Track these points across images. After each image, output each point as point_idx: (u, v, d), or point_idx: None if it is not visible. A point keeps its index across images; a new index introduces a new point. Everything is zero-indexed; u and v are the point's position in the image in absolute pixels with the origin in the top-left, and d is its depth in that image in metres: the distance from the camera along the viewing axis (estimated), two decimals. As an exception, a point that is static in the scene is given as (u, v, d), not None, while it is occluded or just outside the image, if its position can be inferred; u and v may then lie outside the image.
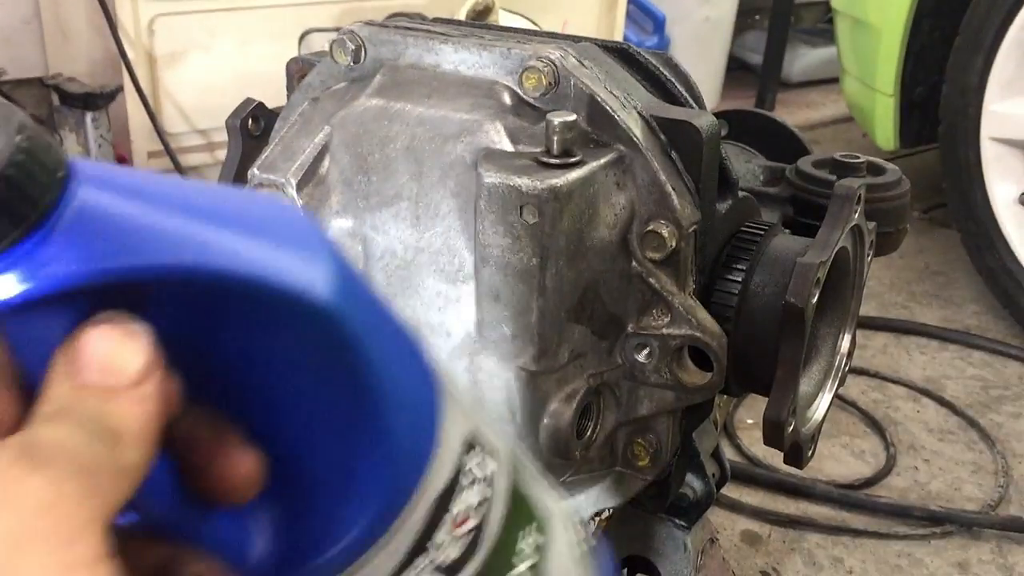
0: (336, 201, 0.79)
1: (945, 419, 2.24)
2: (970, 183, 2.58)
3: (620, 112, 0.74)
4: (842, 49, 3.14)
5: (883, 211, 0.95)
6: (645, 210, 0.74)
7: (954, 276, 2.94)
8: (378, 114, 0.78)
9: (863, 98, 2.98)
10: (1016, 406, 2.30)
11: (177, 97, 3.08)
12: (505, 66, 0.77)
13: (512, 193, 0.68)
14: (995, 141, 2.52)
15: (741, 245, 0.83)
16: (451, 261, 0.75)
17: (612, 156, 0.73)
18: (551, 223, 0.68)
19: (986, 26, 2.47)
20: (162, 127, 2.98)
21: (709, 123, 0.76)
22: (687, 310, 0.75)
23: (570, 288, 0.71)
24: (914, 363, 2.49)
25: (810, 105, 4.74)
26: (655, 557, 1.06)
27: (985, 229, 2.57)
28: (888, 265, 2.93)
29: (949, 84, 2.63)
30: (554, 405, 0.76)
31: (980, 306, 2.77)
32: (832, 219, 0.80)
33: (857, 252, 0.87)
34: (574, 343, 0.74)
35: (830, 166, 0.99)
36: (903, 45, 2.72)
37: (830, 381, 0.91)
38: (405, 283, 0.77)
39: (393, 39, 0.81)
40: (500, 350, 0.73)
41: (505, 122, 0.74)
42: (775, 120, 1.11)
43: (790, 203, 0.96)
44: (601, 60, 0.78)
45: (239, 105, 0.89)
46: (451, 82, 0.78)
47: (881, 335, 2.60)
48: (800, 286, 0.74)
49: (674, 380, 0.76)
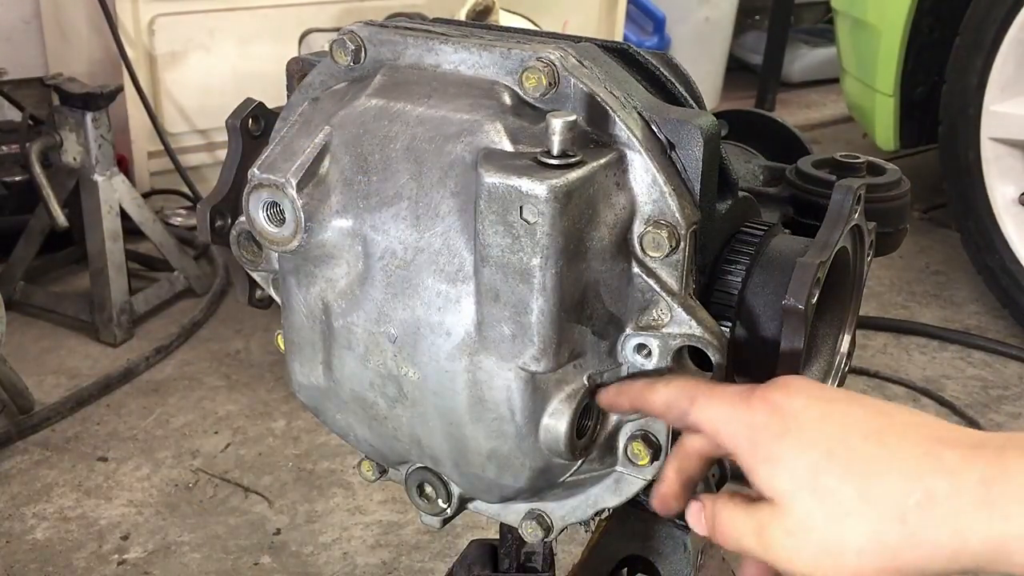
0: (336, 201, 0.79)
1: (945, 419, 2.23)
2: (970, 183, 2.59)
3: (620, 112, 0.74)
4: (842, 49, 3.14)
5: (883, 211, 0.95)
6: (645, 210, 0.74)
7: (954, 276, 2.95)
8: (378, 114, 0.78)
9: (863, 98, 2.98)
10: (1016, 406, 2.31)
11: (177, 97, 3.08)
12: (505, 66, 0.77)
13: (512, 193, 0.68)
14: (995, 141, 2.52)
15: (741, 245, 0.83)
16: (451, 261, 0.75)
17: (612, 156, 0.73)
18: (551, 223, 0.68)
19: (986, 26, 2.47)
20: (162, 127, 2.99)
21: (709, 123, 0.76)
22: (687, 310, 0.75)
23: (570, 288, 0.71)
24: (914, 363, 2.49)
25: (810, 105, 4.75)
26: (655, 557, 1.06)
27: (985, 229, 2.57)
28: (888, 265, 2.93)
29: (949, 84, 2.63)
30: (554, 405, 0.76)
31: (980, 306, 2.77)
32: (832, 219, 0.80)
33: (857, 252, 0.87)
34: (574, 343, 0.74)
35: (830, 166, 0.99)
36: (903, 45, 2.73)
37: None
38: (405, 283, 0.77)
39: (393, 39, 0.81)
40: (500, 350, 0.74)
41: (505, 122, 0.74)
42: (775, 120, 1.11)
43: (790, 203, 0.96)
44: (601, 60, 0.78)
45: (239, 105, 0.89)
46: (451, 82, 0.78)
47: (881, 335, 2.61)
48: (800, 286, 0.74)
49: (674, 380, 0.76)
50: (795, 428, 0.64)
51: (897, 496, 0.60)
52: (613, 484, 0.84)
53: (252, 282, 0.92)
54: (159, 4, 2.96)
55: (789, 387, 0.67)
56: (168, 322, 2.55)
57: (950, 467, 0.59)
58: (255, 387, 2.29)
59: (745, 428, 0.67)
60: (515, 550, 1.06)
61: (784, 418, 0.65)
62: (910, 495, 0.59)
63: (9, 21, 3.12)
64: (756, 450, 0.65)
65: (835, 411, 0.65)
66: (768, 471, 0.64)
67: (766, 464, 0.65)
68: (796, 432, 0.64)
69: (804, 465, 0.63)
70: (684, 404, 0.71)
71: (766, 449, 0.65)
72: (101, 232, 2.43)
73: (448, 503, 0.88)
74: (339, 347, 0.81)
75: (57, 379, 2.30)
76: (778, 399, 0.66)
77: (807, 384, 0.68)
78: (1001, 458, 0.58)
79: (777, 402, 0.66)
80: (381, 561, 1.76)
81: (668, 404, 0.72)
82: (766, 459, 0.65)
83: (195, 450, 2.06)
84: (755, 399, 0.67)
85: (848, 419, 0.64)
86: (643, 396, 0.74)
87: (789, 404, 0.65)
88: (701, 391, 0.70)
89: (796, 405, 0.65)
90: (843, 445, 0.62)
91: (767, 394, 0.67)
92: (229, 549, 1.79)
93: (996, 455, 0.58)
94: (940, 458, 0.59)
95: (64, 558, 1.75)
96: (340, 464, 2.01)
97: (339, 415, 0.86)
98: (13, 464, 2.00)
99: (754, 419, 0.66)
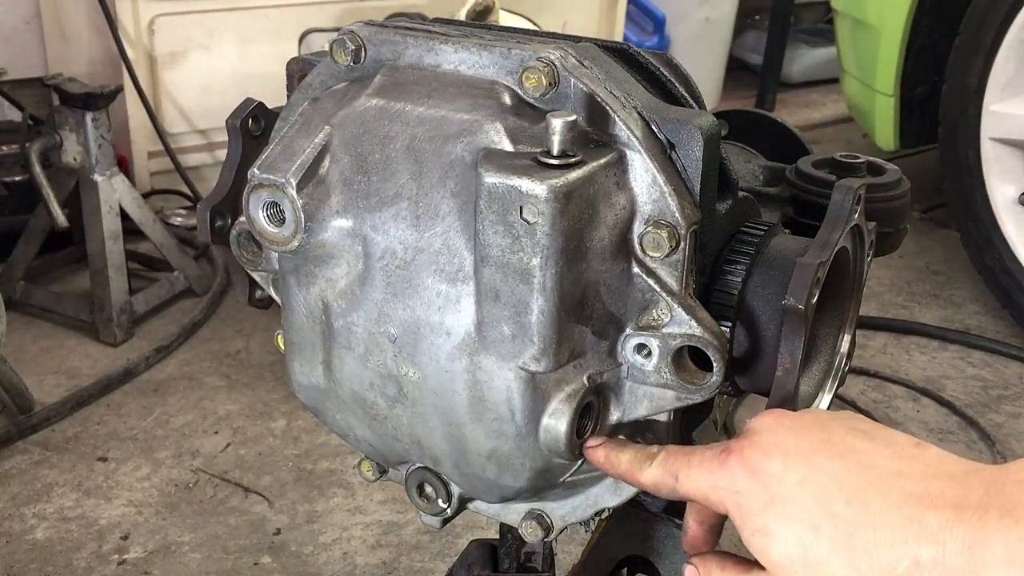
0: (336, 201, 0.79)
1: (945, 419, 2.24)
2: (970, 183, 2.58)
3: (620, 112, 0.74)
4: (842, 49, 3.14)
5: (883, 211, 0.95)
6: (645, 210, 0.74)
7: (954, 276, 2.95)
8: (378, 114, 0.78)
9: (863, 98, 2.98)
10: (1016, 406, 2.30)
11: (177, 97, 3.08)
12: (505, 66, 0.77)
13: (512, 193, 0.68)
14: (995, 141, 2.52)
15: (741, 245, 0.83)
16: (451, 261, 0.75)
17: (612, 156, 0.73)
18: (551, 223, 0.68)
19: (986, 26, 2.47)
20: (162, 127, 2.99)
21: (709, 123, 0.76)
22: (687, 310, 0.75)
23: (570, 288, 0.71)
24: (914, 363, 2.49)
25: (810, 105, 4.75)
26: (655, 557, 1.06)
27: (985, 229, 2.57)
28: (888, 265, 2.93)
29: (949, 84, 2.63)
30: (554, 405, 0.76)
31: (980, 306, 2.77)
32: (832, 219, 0.80)
33: (857, 252, 0.87)
34: (574, 343, 0.74)
35: (830, 166, 0.99)
36: (903, 45, 2.72)
37: (830, 381, 0.91)
38: (405, 283, 0.77)
39: (393, 39, 0.81)
40: (500, 350, 0.74)
41: (505, 122, 0.74)
42: (775, 120, 1.11)
43: (790, 203, 0.96)
44: (601, 60, 0.78)
45: (239, 105, 0.89)
46: (451, 82, 0.78)
47: (881, 335, 2.61)
48: (800, 286, 0.74)
49: (674, 380, 0.76)
50: (779, 497, 0.65)
51: (886, 565, 0.62)
52: (613, 484, 0.84)
53: (252, 282, 0.92)
54: (159, 4, 2.96)
55: (763, 444, 0.68)
56: (168, 322, 2.55)
57: (934, 533, 0.60)
58: (255, 387, 2.29)
59: (731, 495, 0.68)
60: (515, 550, 1.06)
61: (766, 485, 0.66)
62: (898, 564, 0.61)
63: (9, 21, 3.12)
64: (745, 520, 0.67)
65: (815, 473, 0.65)
66: (761, 541, 0.66)
67: (758, 535, 0.66)
68: (781, 503, 0.65)
69: (793, 539, 0.64)
70: (669, 482, 0.72)
71: (754, 520, 0.66)
72: (101, 232, 2.43)
73: (448, 503, 0.88)
74: (339, 347, 0.81)
75: (57, 379, 2.30)
76: (756, 460, 0.67)
77: (781, 434, 0.68)
78: (982, 521, 0.59)
79: (755, 464, 0.67)
80: (381, 561, 1.76)
81: (656, 484, 0.74)
82: (756, 531, 0.66)
83: (195, 450, 2.06)
84: (732, 462, 0.68)
85: (829, 480, 0.65)
86: (631, 475, 0.75)
87: (768, 467, 0.67)
88: (681, 464, 0.72)
89: (775, 468, 0.66)
90: (828, 514, 0.64)
91: (744, 456, 0.68)
92: (229, 549, 1.79)
93: (977, 518, 0.60)
94: (923, 523, 0.61)
95: (64, 558, 1.75)
96: (340, 464, 2.01)
97: (339, 415, 0.86)
98: (13, 464, 2.00)
99: (736, 485, 0.68)
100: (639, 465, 0.75)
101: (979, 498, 0.61)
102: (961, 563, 0.59)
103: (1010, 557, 0.58)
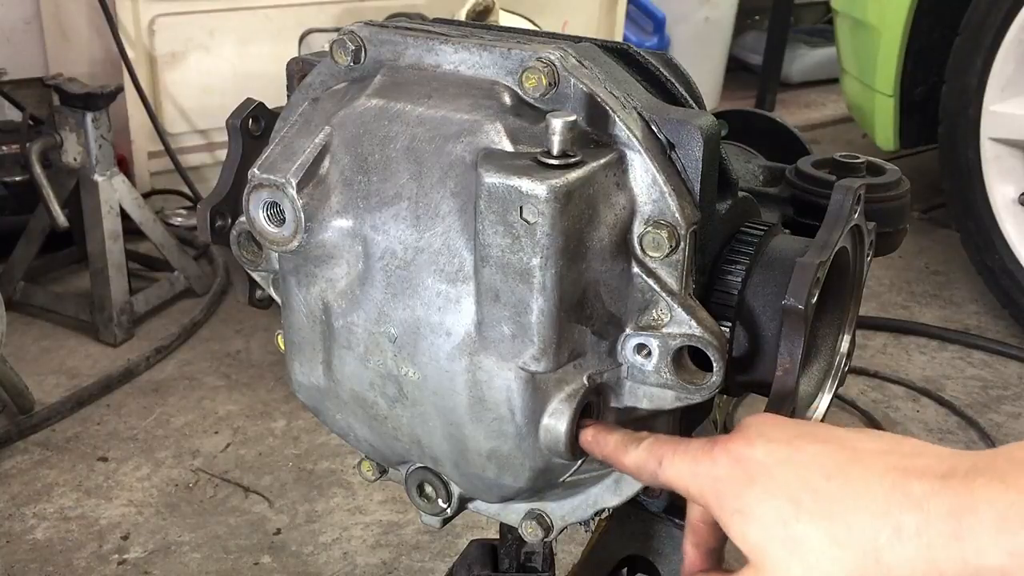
0: (336, 201, 0.79)
1: (945, 419, 2.24)
2: (970, 183, 2.58)
3: (620, 112, 0.74)
4: (842, 49, 3.14)
5: (883, 211, 0.95)
6: (645, 210, 0.74)
7: (954, 276, 2.95)
8: (378, 114, 0.78)
9: (863, 98, 2.98)
10: (1015, 406, 2.31)
11: (177, 97, 3.08)
12: (505, 66, 0.77)
13: (512, 193, 0.68)
14: (995, 141, 2.52)
15: (741, 245, 0.83)
16: (451, 261, 0.75)
17: (612, 156, 0.73)
18: (551, 223, 0.68)
19: (986, 26, 2.47)
20: (162, 127, 2.99)
21: (709, 123, 0.76)
22: (687, 310, 0.75)
23: (570, 288, 0.71)
24: (914, 363, 2.49)
25: (810, 105, 4.75)
26: (655, 557, 1.06)
27: (985, 229, 2.57)
28: (888, 265, 2.93)
29: (949, 84, 2.63)
30: (554, 405, 0.76)
31: (980, 306, 2.77)
32: (832, 219, 0.80)
33: (857, 252, 0.87)
34: (574, 343, 0.74)
35: (830, 166, 0.99)
36: (903, 45, 2.72)
37: (830, 381, 0.91)
38: (405, 283, 0.77)
39: (393, 39, 0.81)
40: (500, 350, 0.74)
41: (505, 122, 0.74)
42: (775, 120, 1.11)
43: (790, 203, 0.96)
44: (601, 60, 0.78)
45: (239, 105, 0.89)
46: (451, 82, 0.78)
47: (881, 335, 2.61)
48: (799, 286, 0.74)
49: (674, 380, 0.76)
50: (759, 477, 0.64)
51: (868, 535, 0.59)
52: (613, 484, 0.84)
53: (252, 282, 0.92)
54: (159, 4, 2.96)
55: (749, 434, 0.67)
56: (168, 322, 2.55)
57: (918, 500, 0.58)
58: (255, 387, 2.29)
59: (710, 482, 0.67)
60: (515, 550, 1.06)
61: (747, 468, 0.65)
62: (880, 532, 0.59)
63: (9, 21, 3.12)
64: (723, 503, 0.66)
65: (796, 453, 0.64)
66: (739, 525, 0.65)
67: (736, 517, 0.65)
68: (761, 481, 0.64)
69: (772, 515, 0.63)
70: (652, 466, 0.72)
71: (733, 502, 0.65)
72: (101, 232, 2.43)
73: (448, 503, 0.88)
74: (339, 347, 0.82)
75: (57, 379, 2.30)
76: (739, 449, 0.67)
77: (768, 426, 0.68)
78: (969, 488, 0.57)
79: (738, 453, 0.66)
80: (381, 561, 1.76)
81: (639, 466, 0.73)
82: (735, 512, 0.65)
83: (195, 450, 2.06)
84: (717, 451, 0.68)
85: (810, 459, 0.64)
86: (616, 456, 0.75)
87: (750, 453, 0.66)
88: (667, 450, 0.71)
89: (757, 454, 0.66)
90: (808, 488, 0.62)
91: (728, 445, 0.67)
92: (229, 549, 1.79)
93: (964, 485, 0.57)
94: (907, 490, 0.59)
95: (64, 558, 1.75)
96: (340, 464, 2.01)
97: (339, 415, 0.86)
98: (13, 464, 2.00)
99: (718, 472, 0.67)
100: (625, 448, 0.74)
101: (967, 469, 0.58)
102: (946, 529, 0.57)
103: (999, 524, 0.55)
